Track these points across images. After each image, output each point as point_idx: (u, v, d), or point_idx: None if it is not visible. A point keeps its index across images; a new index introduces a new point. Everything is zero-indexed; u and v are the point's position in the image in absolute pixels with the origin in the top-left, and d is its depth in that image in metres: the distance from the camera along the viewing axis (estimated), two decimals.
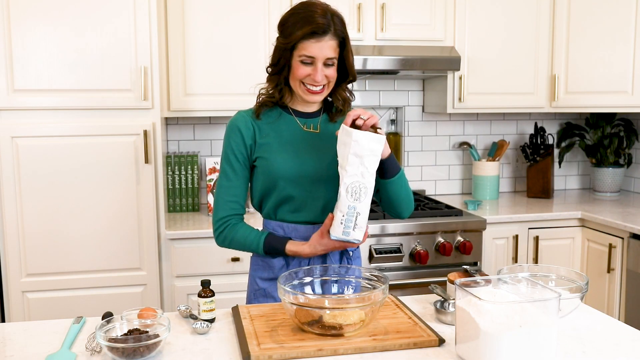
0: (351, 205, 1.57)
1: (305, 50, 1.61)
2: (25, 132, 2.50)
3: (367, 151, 1.54)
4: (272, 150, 1.70)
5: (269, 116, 1.74)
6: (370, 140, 1.54)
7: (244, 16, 2.87)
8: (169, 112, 2.87)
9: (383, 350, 1.34)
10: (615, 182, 3.52)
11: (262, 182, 1.72)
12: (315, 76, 1.63)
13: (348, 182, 1.56)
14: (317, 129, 1.75)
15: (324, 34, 1.60)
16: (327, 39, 1.61)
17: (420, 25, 3.07)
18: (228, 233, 1.72)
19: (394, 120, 3.54)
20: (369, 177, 1.57)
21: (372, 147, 1.55)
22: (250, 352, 1.30)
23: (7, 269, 2.54)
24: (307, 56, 1.62)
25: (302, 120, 1.74)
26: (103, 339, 1.28)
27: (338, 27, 1.63)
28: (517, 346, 1.20)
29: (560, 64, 3.25)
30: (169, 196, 3.03)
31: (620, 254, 2.80)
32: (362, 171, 1.56)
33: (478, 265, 2.89)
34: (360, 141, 1.53)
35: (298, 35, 1.60)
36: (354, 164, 1.55)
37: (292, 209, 1.72)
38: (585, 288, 1.54)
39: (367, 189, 1.57)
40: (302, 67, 1.63)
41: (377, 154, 1.55)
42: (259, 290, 1.78)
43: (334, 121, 1.78)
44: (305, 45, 1.61)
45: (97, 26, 2.51)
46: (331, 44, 1.62)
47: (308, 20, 1.60)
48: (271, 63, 1.70)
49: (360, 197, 1.57)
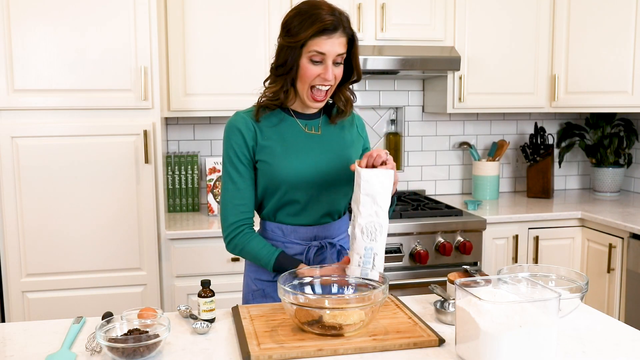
0: (368, 246, 1.55)
1: (317, 47, 1.59)
2: (25, 132, 2.50)
3: (379, 189, 1.52)
4: (275, 154, 1.67)
5: (270, 119, 1.71)
6: (379, 176, 1.52)
7: (244, 16, 2.86)
8: (169, 112, 2.87)
9: (383, 350, 1.34)
10: (615, 182, 3.52)
11: (263, 184, 1.70)
12: (327, 74, 1.61)
13: (363, 223, 1.53)
14: (319, 130, 1.74)
15: (335, 30, 1.59)
16: (338, 35, 1.60)
17: (420, 25, 3.07)
18: (239, 242, 1.69)
19: (394, 120, 3.54)
20: (383, 215, 1.55)
21: (383, 184, 1.52)
22: (250, 352, 1.30)
23: (7, 269, 2.54)
24: (318, 52, 1.59)
25: (303, 122, 1.73)
26: (103, 339, 1.28)
27: (346, 24, 1.63)
28: (517, 346, 1.20)
29: (560, 64, 3.25)
30: (169, 196, 3.03)
31: (620, 254, 2.80)
32: (375, 210, 1.53)
33: (478, 265, 2.89)
34: (370, 180, 1.51)
35: (309, 33, 1.58)
36: (367, 204, 1.53)
37: (293, 212, 1.71)
38: (585, 288, 1.54)
39: (382, 227, 1.55)
40: (311, 66, 1.61)
41: (388, 189, 1.53)
42: (258, 291, 1.78)
43: (334, 123, 1.76)
44: (317, 42, 1.59)
45: (97, 26, 2.51)
46: (342, 40, 1.62)
47: (318, 17, 1.58)
48: (277, 64, 1.66)
49: (377, 237, 1.55)
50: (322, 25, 1.58)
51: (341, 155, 1.73)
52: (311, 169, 1.68)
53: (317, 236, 1.74)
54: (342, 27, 1.61)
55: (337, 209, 1.77)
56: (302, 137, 1.71)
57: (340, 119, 1.76)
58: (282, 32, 1.65)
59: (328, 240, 1.75)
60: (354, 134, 1.82)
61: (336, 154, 1.73)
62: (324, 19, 1.58)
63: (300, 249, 1.74)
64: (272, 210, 1.73)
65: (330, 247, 1.76)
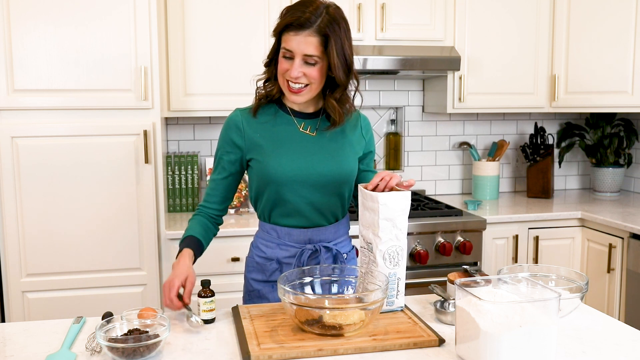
0: (391, 272, 1.51)
1: (285, 43, 1.57)
2: (25, 132, 2.50)
3: (398, 212, 1.48)
4: (266, 152, 1.66)
5: (266, 114, 1.70)
6: (397, 200, 1.48)
7: (244, 16, 2.86)
8: (169, 112, 2.87)
9: (383, 350, 1.34)
10: (615, 182, 3.52)
11: (256, 183, 1.71)
12: (291, 72, 1.57)
13: (384, 248, 1.49)
14: (314, 132, 1.70)
15: (302, 27, 1.53)
16: (306, 34, 1.53)
17: (420, 25, 3.07)
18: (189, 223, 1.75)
19: (394, 120, 3.54)
20: (402, 238, 1.51)
21: (402, 207, 1.49)
22: (250, 352, 1.30)
23: (7, 269, 2.54)
24: (286, 49, 1.57)
25: (299, 120, 1.70)
26: (103, 339, 1.28)
27: (323, 23, 1.53)
28: (517, 346, 1.20)
29: (560, 64, 3.25)
30: (169, 196, 3.03)
31: (620, 254, 2.80)
32: (395, 234, 1.49)
33: (478, 265, 2.89)
34: (389, 204, 1.47)
35: (280, 25, 1.57)
36: (386, 229, 1.48)
37: (284, 212, 1.70)
38: (585, 288, 1.54)
39: (403, 250, 1.52)
40: (283, 61, 1.59)
41: (406, 211, 1.50)
42: (253, 292, 1.78)
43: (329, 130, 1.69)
44: (286, 37, 1.57)
45: (97, 26, 2.51)
46: (311, 40, 1.54)
47: (293, 12, 1.56)
48: (267, 55, 1.68)
49: (399, 262, 1.51)
50: (290, 20, 1.54)
51: (336, 157, 1.69)
52: (301, 169, 1.65)
53: (312, 239, 1.72)
54: (313, 26, 1.53)
55: (331, 212, 1.74)
56: (296, 136, 1.69)
57: (333, 128, 1.68)
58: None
59: (323, 244, 1.73)
60: (356, 136, 1.77)
61: (330, 155, 1.69)
62: (294, 14, 1.54)
63: (294, 251, 1.72)
64: (266, 210, 1.73)
65: (326, 251, 1.73)
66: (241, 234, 2.67)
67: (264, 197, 1.71)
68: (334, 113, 1.66)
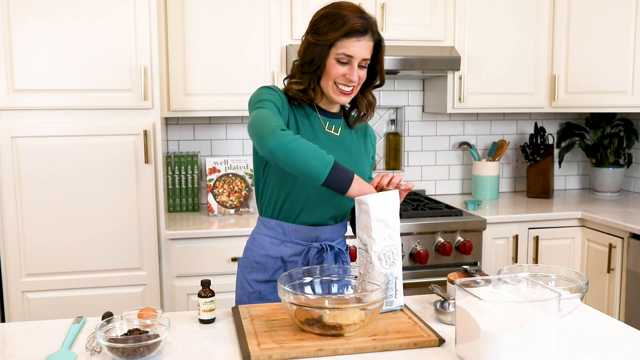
0: (388, 272, 1.52)
1: (345, 49, 1.61)
2: (25, 132, 2.50)
3: (388, 211, 1.50)
4: None
5: (296, 110, 1.70)
6: (386, 199, 1.50)
7: (244, 16, 2.86)
8: (169, 112, 2.87)
9: (383, 350, 1.34)
10: (615, 182, 3.52)
11: (274, 180, 1.70)
12: (352, 75, 1.63)
13: (378, 249, 1.51)
14: (338, 132, 1.75)
15: (364, 33, 1.61)
16: (367, 39, 1.62)
17: (420, 25, 3.07)
18: (291, 135, 1.47)
19: (394, 120, 3.53)
20: (396, 237, 1.53)
21: (391, 206, 1.51)
22: (250, 352, 1.30)
23: (7, 269, 2.54)
24: (346, 55, 1.61)
25: (325, 119, 1.73)
26: (103, 339, 1.28)
27: (374, 28, 1.64)
28: (517, 346, 1.20)
29: (560, 64, 3.25)
30: (169, 196, 3.03)
31: (620, 254, 2.80)
32: (389, 233, 1.51)
33: (478, 265, 2.89)
34: (379, 204, 1.49)
35: (339, 33, 1.59)
36: (379, 230, 1.50)
37: (297, 209, 1.70)
38: (585, 288, 1.54)
39: (398, 249, 1.53)
40: (337, 66, 1.62)
41: (396, 210, 1.52)
42: (254, 293, 1.76)
43: (353, 127, 1.78)
44: (345, 43, 1.60)
45: (97, 26, 2.51)
46: (369, 44, 1.64)
47: (349, 19, 1.59)
48: (303, 61, 1.67)
49: (395, 261, 1.53)
50: (353, 27, 1.59)
51: (357, 159, 1.76)
52: None
53: (319, 237, 1.74)
54: (371, 31, 1.62)
55: (342, 212, 1.78)
56: (321, 134, 1.71)
57: (361, 122, 1.78)
58: (309, 30, 1.66)
59: (328, 242, 1.75)
60: (367, 144, 1.85)
61: (352, 157, 1.74)
62: (355, 21, 1.59)
63: (300, 249, 1.73)
64: (278, 205, 1.71)
65: (330, 249, 1.75)
66: (241, 234, 2.67)
67: (281, 191, 1.69)
68: (367, 109, 1.76)
